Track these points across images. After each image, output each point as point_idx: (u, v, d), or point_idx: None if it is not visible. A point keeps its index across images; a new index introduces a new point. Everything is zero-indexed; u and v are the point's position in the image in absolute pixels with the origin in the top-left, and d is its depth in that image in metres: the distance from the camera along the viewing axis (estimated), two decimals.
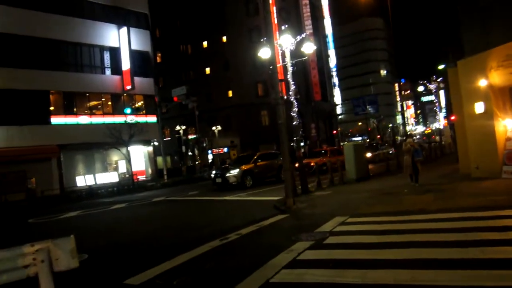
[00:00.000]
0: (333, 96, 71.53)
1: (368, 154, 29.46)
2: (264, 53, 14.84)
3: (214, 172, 23.44)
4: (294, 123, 15.58)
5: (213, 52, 54.40)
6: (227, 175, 21.36)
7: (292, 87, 15.41)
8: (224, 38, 54.23)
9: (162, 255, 7.62)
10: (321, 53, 67.01)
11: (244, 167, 21.67)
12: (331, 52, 73.96)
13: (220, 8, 52.92)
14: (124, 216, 15.69)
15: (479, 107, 13.26)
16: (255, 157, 22.59)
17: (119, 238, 10.75)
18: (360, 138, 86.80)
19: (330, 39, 73.85)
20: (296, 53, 17.59)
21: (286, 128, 12.56)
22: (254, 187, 20.65)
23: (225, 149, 54.42)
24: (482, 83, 12.95)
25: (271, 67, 13.16)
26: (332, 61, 74.04)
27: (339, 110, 77.54)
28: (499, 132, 12.95)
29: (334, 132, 68.89)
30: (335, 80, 74.52)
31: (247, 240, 8.46)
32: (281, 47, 15.27)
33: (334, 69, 74.58)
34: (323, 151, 28.46)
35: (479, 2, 14.00)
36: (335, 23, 79.53)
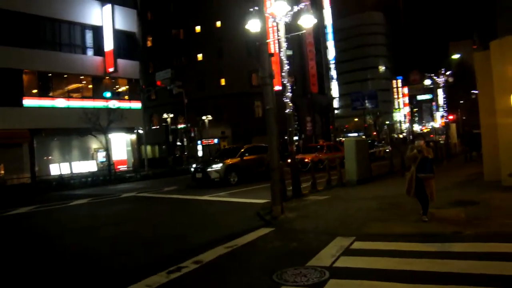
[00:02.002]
0: (330, 89, 68.72)
1: None
2: (252, 25, 12.06)
3: (194, 165, 20.66)
4: (287, 111, 12.87)
5: (206, 38, 51.60)
6: (208, 169, 18.70)
7: (286, 67, 12.70)
8: (218, 23, 51.37)
9: None
10: (320, 44, 64.28)
11: (228, 161, 19.00)
12: (330, 44, 71.11)
13: None
14: (74, 218, 12.96)
15: None
16: (242, 150, 19.91)
17: (35, 255, 8.05)
18: (356, 134, 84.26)
19: (329, 30, 70.99)
20: (292, 32, 15.05)
21: (276, 116, 9.88)
22: (239, 185, 18.05)
23: (216, 140, 51.99)
24: None
25: (258, 41, 10.43)
26: (331, 54, 71.17)
27: (336, 104, 74.89)
28: None
29: (331, 127, 66.23)
30: (333, 73, 71.65)
31: (206, 277, 5.78)
32: (274, 18, 12.52)
33: (333, 62, 71.73)
34: (319, 147, 25.78)
35: None
36: (335, 15, 76.52)
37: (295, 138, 52.80)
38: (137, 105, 36.23)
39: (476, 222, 7.54)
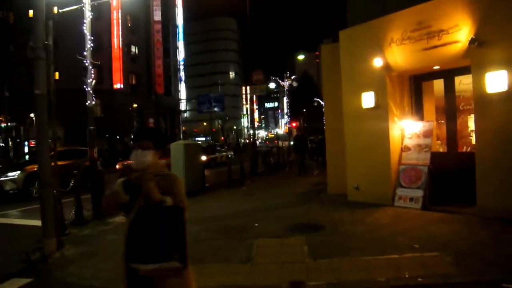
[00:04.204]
0: (178, 91, 65.89)
1: (203, 158, 24.96)
2: None
3: None
4: (87, 102, 9.67)
5: None
6: (1, 179, 14.43)
7: (89, 44, 9.48)
8: (55, 10, 44.82)
9: None
10: (169, 44, 61.22)
11: (31, 168, 14.92)
12: (181, 44, 68.34)
13: None
14: None
15: (367, 99, 8.97)
16: (51, 154, 15.89)
17: None
18: (203, 139, 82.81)
19: (180, 30, 68.20)
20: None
21: (48, 103, 6.70)
22: None
23: None
24: (377, 63, 8.65)
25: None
26: (181, 55, 68.42)
27: (184, 107, 72.26)
28: (393, 138, 8.78)
29: (177, 130, 63.36)
30: (182, 74, 68.98)
31: None
32: None
33: (182, 63, 69.05)
34: None
35: None
36: (188, 17, 74.24)
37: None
38: None
39: (322, 263, 5.32)
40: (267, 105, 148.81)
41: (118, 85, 45.82)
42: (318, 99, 49.19)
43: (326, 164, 11.58)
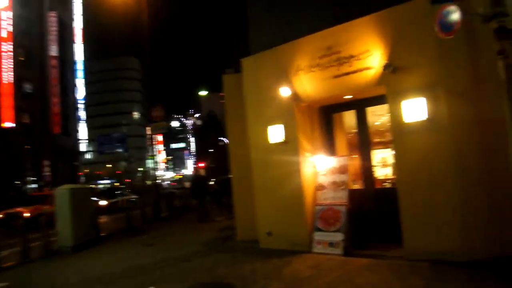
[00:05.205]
0: (77, 131, 61.86)
1: (103, 202, 22.85)
2: None
3: None
4: None
5: None
6: None
7: None
8: None
9: None
10: (67, 81, 57.70)
11: None
12: (80, 82, 64.74)
13: None
14: None
15: (276, 133, 8.07)
16: None
17: None
18: (108, 181, 78.53)
19: (80, 67, 64.73)
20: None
21: None
22: None
23: None
24: (284, 92, 7.84)
25: None
26: (80, 93, 64.70)
27: (86, 148, 67.97)
28: (306, 176, 7.91)
29: (81, 173, 59.19)
30: (82, 114, 65.07)
31: None
32: None
33: (82, 102, 65.24)
34: (44, 197, 20.19)
35: None
36: (89, 56, 70.92)
37: (34, 186, 44.90)
38: None
39: None
40: (174, 145, 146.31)
41: (8, 124, 41.82)
42: (224, 139, 48.76)
43: (232, 207, 10.48)
